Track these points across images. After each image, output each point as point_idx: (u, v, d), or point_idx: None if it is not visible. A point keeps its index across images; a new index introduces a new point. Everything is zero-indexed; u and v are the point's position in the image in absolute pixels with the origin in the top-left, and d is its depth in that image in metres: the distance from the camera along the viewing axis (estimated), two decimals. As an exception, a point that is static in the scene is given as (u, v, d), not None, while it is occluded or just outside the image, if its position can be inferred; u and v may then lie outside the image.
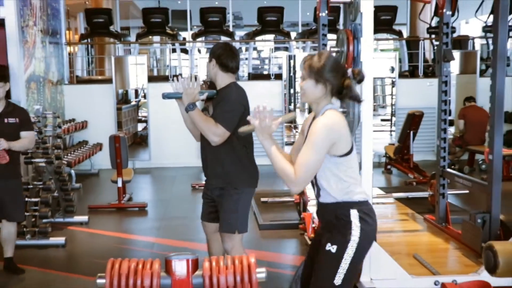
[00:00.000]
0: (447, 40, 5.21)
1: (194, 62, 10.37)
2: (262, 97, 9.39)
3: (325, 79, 2.45)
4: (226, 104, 3.38)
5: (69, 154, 7.95)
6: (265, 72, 12.93)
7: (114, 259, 2.05)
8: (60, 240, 5.19)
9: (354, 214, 2.45)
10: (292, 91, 11.36)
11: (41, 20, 8.22)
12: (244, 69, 11.73)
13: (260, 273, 2.03)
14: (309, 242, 2.55)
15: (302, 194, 5.51)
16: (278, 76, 9.62)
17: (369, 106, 3.91)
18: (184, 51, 11.66)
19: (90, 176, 8.75)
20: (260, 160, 3.60)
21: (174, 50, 11.75)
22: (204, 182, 3.70)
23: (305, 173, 2.35)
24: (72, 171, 7.79)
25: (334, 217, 2.48)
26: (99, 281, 2.00)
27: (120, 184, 6.71)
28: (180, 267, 2.03)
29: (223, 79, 3.49)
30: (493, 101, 4.27)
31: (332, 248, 2.43)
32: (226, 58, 3.48)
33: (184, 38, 11.56)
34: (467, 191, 6.69)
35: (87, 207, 6.64)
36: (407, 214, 6.02)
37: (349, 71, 2.53)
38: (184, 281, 2.02)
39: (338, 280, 2.42)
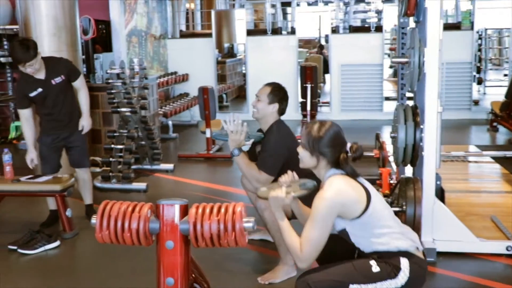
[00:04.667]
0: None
1: (295, 16, 10.24)
2: (361, 50, 9.08)
3: (319, 152, 2.36)
4: (267, 149, 3.42)
5: (167, 105, 8.29)
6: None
7: (108, 201, 2.12)
8: (142, 185, 5.48)
9: (404, 262, 2.31)
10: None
11: (142, -24, 8.52)
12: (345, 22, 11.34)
13: (248, 223, 1.99)
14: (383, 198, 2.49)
15: (382, 149, 5.30)
16: (379, 29, 9.20)
17: (434, 68, 3.58)
18: (287, 4, 11.53)
19: (189, 127, 9.08)
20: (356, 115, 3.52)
21: (283, 4, 11.66)
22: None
23: (310, 249, 2.29)
24: (170, 122, 8.13)
25: (383, 261, 2.35)
26: (92, 221, 2.08)
27: (208, 135, 6.89)
28: (168, 212, 2.05)
29: (270, 121, 3.53)
30: None
31: (374, 267, 2.30)
32: (285, 103, 3.57)
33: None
34: None
35: (177, 155, 6.93)
36: (501, 175, 5.59)
37: (348, 145, 2.39)
38: (172, 226, 2.05)
39: None
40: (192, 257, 2.19)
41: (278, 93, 3.52)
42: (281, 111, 3.56)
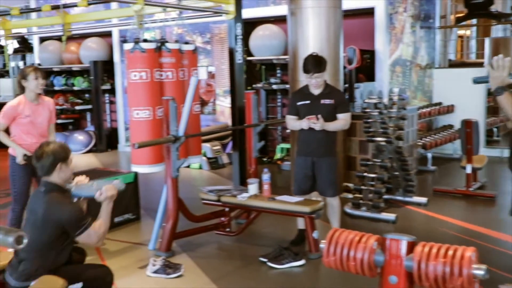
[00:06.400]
0: None
1: None
2: None
3: None
4: None
5: (427, 137, 8.04)
6: None
7: (337, 229, 2.16)
8: (391, 216, 5.41)
9: None
10: None
11: (412, 6, 8.47)
12: None
13: (478, 270, 1.82)
14: None
15: None
16: None
17: None
18: None
19: (450, 161, 8.62)
20: None
21: None
22: None
23: None
24: (429, 154, 7.87)
25: None
26: (321, 245, 2.15)
27: (469, 171, 6.48)
28: (394, 246, 2.00)
29: None
30: None
31: None
32: None
33: None
34: None
35: (432, 189, 6.66)
36: None
37: None
38: (397, 261, 1.98)
39: None
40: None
41: None
42: None
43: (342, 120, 4.60)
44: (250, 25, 8.58)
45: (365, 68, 7.77)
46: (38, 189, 3.10)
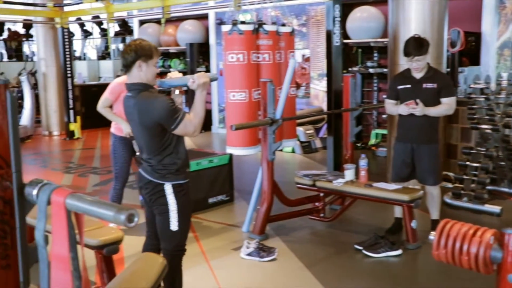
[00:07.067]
0: None
1: None
2: None
3: None
4: None
5: (536, 126, 7.50)
6: None
7: (448, 220, 2.02)
8: (496, 208, 5.07)
9: None
10: None
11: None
12: None
13: None
14: None
15: None
16: None
17: None
18: None
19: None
20: None
21: None
22: None
23: None
24: (538, 144, 7.33)
25: None
26: (430, 237, 2.02)
27: None
28: (514, 243, 1.83)
29: None
30: None
31: None
32: None
33: None
34: None
35: (541, 182, 6.21)
36: None
37: None
38: (517, 259, 1.82)
39: None
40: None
41: None
42: None
43: (446, 105, 4.37)
44: (347, 7, 8.35)
45: (469, 51, 7.34)
46: (127, 94, 2.96)
